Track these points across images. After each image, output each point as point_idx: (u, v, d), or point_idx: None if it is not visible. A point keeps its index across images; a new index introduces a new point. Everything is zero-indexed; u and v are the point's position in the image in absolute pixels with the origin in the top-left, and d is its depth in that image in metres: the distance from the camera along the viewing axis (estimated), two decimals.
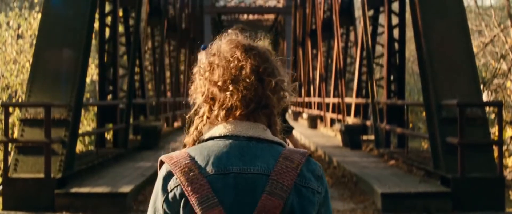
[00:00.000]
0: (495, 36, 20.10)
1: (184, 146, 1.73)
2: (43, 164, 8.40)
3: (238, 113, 1.66)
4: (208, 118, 1.70)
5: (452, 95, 9.03)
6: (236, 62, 1.66)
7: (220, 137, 1.66)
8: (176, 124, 22.68)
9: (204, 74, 1.69)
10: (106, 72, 13.95)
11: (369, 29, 14.82)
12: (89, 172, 9.97)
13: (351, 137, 15.01)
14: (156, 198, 1.65)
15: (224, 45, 1.71)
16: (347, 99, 18.46)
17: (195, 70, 1.72)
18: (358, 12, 23.45)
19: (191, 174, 1.59)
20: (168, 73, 23.51)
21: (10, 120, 17.58)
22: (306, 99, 28.44)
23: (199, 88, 1.70)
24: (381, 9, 15.49)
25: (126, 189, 8.66)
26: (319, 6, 24.20)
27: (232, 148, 1.63)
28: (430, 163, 9.63)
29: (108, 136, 14.58)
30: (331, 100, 21.01)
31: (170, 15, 22.75)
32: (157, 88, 19.09)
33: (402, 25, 13.93)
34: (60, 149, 8.82)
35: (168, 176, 1.63)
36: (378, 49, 16.90)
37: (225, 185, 1.59)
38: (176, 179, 1.61)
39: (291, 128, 6.07)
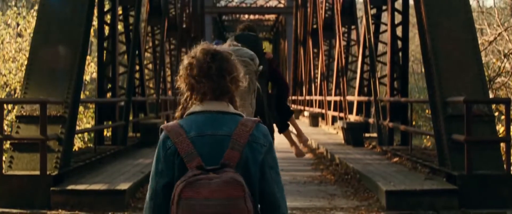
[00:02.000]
0: (499, 34, 19.91)
1: (176, 118, 2.56)
2: (38, 161, 8.20)
3: (208, 97, 2.49)
4: (190, 99, 2.51)
5: (458, 93, 8.86)
6: (206, 64, 2.47)
7: (198, 112, 2.49)
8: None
9: (186, 71, 2.49)
10: (105, 70, 13.81)
11: (372, 27, 14.66)
12: (86, 169, 9.77)
13: (353, 134, 14.82)
14: (159, 153, 2.47)
15: (199, 52, 2.50)
16: (349, 98, 18.29)
17: (180, 67, 2.52)
18: (359, 12, 23.31)
19: (180, 137, 2.43)
20: (169, 72, 23.36)
21: (9, 117, 17.59)
22: (307, 97, 28.27)
23: (183, 80, 2.50)
24: (384, 7, 15.32)
25: (124, 186, 8.44)
26: (320, 6, 24.04)
27: (206, 119, 2.46)
28: (435, 160, 9.46)
29: (108, 133, 14.40)
30: (333, 98, 20.83)
31: (171, 14, 22.59)
32: (157, 86, 18.94)
33: (405, 23, 13.76)
34: (56, 146, 8.62)
35: (166, 138, 2.45)
36: (380, 47, 16.71)
37: (203, 143, 2.42)
38: (171, 140, 2.43)
39: (291, 112, 6.32)
